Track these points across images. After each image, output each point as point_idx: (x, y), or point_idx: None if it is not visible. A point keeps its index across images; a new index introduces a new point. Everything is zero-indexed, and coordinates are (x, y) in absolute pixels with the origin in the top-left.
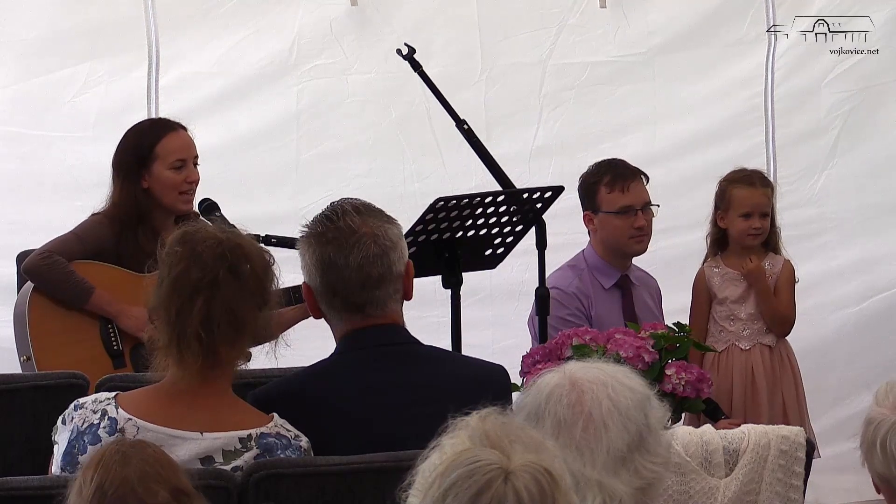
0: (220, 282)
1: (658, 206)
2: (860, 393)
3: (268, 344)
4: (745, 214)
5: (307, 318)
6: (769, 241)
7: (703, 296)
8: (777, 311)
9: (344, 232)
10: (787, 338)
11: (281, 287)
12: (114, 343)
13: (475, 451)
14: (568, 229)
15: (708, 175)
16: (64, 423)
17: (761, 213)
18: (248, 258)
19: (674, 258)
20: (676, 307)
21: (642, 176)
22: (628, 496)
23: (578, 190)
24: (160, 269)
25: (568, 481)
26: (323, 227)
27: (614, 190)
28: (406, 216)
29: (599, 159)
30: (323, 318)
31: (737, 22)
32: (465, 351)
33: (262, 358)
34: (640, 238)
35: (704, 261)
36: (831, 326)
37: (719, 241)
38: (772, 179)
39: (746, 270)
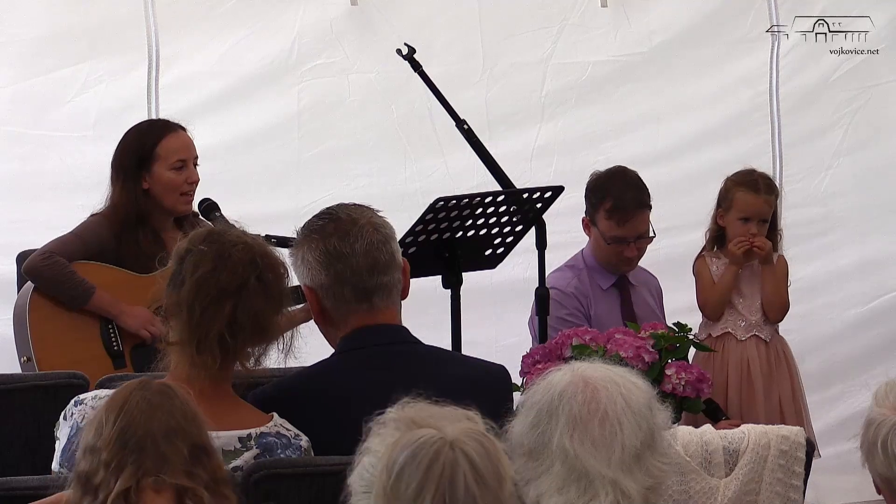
0: (250, 288)
1: (654, 236)
2: (865, 393)
3: (281, 344)
4: (743, 218)
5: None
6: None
7: (707, 272)
8: (781, 294)
9: (345, 223)
10: (789, 337)
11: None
12: (114, 343)
13: (410, 434)
14: (569, 228)
15: (711, 174)
16: (65, 418)
17: (760, 219)
18: (274, 266)
19: (677, 257)
20: (678, 306)
21: (646, 207)
22: (639, 495)
23: (585, 190)
24: (177, 266)
25: (500, 447)
26: (323, 223)
27: (612, 219)
28: (407, 215)
29: (601, 160)
30: (320, 327)
31: (738, 21)
32: (468, 348)
33: (271, 357)
34: (629, 261)
35: (701, 252)
36: (837, 326)
37: (717, 239)
38: (778, 178)
39: (765, 246)
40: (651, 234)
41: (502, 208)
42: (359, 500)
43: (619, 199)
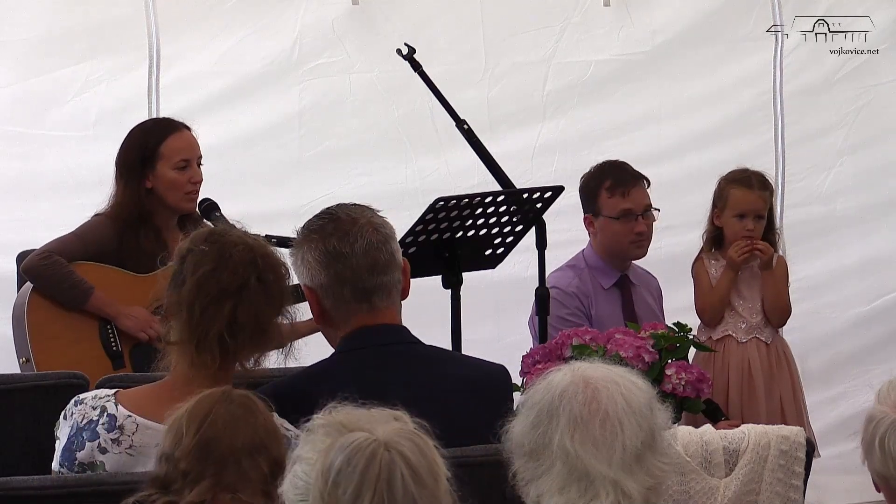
0: (250, 288)
1: (659, 210)
2: (867, 392)
3: (280, 350)
4: (739, 215)
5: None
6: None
7: (706, 276)
8: (784, 302)
9: (345, 223)
10: (791, 336)
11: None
12: (113, 344)
13: (343, 438)
14: (570, 227)
15: (713, 173)
16: (65, 418)
17: (756, 215)
18: (275, 267)
19: (678, 255)
20: (679, 305)
21: (644, 180)
22: (639, 495)
23: (579, 192)
24: (178, 265)
25: (432, 444)
26: (322, 222)
27: (615, 194)
28: (408, 214)
29: (601, 160)
30: (321, 327)
31: (741, 21)
32: (469, 348)
33: (272, 358)
34: (640, 243)
35: (699, 255)
36: (840, 325)
37: (715, 240)
38: (780, 177)
39: (766, 250)
40: (656, 208)
41: (502, 208)
42: None
43: (616, 175)
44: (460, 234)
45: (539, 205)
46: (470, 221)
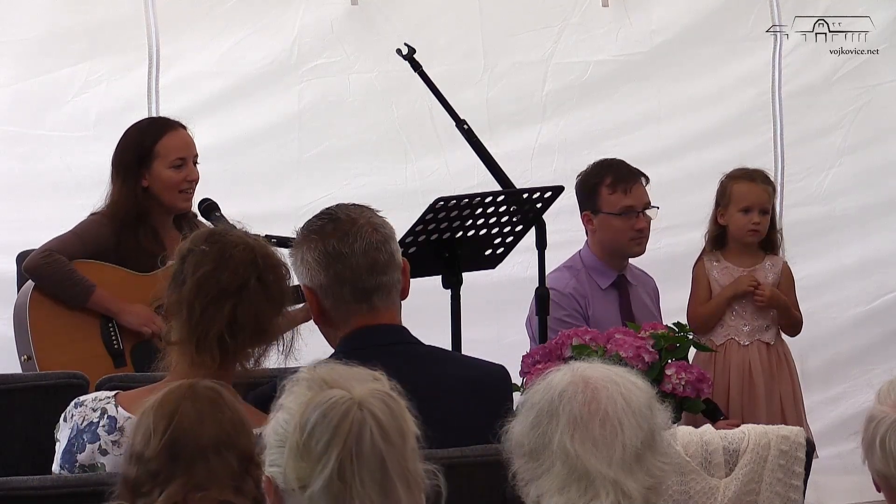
0: (250, 288)
1: (658, 207)
2: (866, 392)
3: (281, 345)
4: (744, 209)
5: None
6: (769, 242)
7: (704, 281)
8: (796, 319)
9: (344, 223)
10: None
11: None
12: (114, 342)
13: (320, 395)
14: (569, 227)
15: (712, 173)
16: (65, 420)
17: (761, 209)
18: (275, 267)
19: (677, 255)
20: (679, 305)
21: (643, 177)
22: (639, 495)
23: (576, 189)
24: (179, 265)
25: (403, 405)
26: (322, 223)
27: (616, 191)
28: (407, 215)
29: (599, 159)
30: (320, 327)
31: (740, 21)
32: (469, 348)
33: (272, 357)
34: (640, 240)
35: (701, 255)
36: (839, 325)
37: (717, 239)
38: (779, 177)
39: (766, 299)
40: (655, 206)
41: (502, 208)
42: (272, 454)
43: (617, 172)
44: (460, 234)
45: (539, 205)
46: (470, 221)
